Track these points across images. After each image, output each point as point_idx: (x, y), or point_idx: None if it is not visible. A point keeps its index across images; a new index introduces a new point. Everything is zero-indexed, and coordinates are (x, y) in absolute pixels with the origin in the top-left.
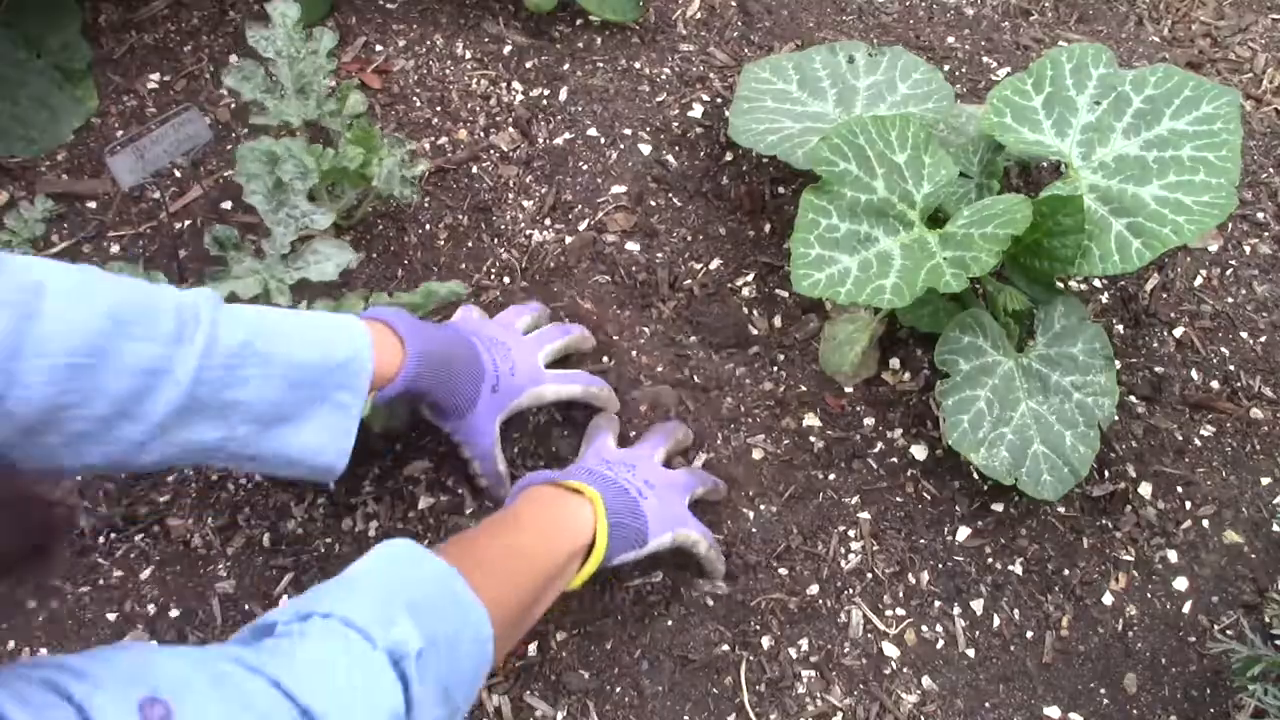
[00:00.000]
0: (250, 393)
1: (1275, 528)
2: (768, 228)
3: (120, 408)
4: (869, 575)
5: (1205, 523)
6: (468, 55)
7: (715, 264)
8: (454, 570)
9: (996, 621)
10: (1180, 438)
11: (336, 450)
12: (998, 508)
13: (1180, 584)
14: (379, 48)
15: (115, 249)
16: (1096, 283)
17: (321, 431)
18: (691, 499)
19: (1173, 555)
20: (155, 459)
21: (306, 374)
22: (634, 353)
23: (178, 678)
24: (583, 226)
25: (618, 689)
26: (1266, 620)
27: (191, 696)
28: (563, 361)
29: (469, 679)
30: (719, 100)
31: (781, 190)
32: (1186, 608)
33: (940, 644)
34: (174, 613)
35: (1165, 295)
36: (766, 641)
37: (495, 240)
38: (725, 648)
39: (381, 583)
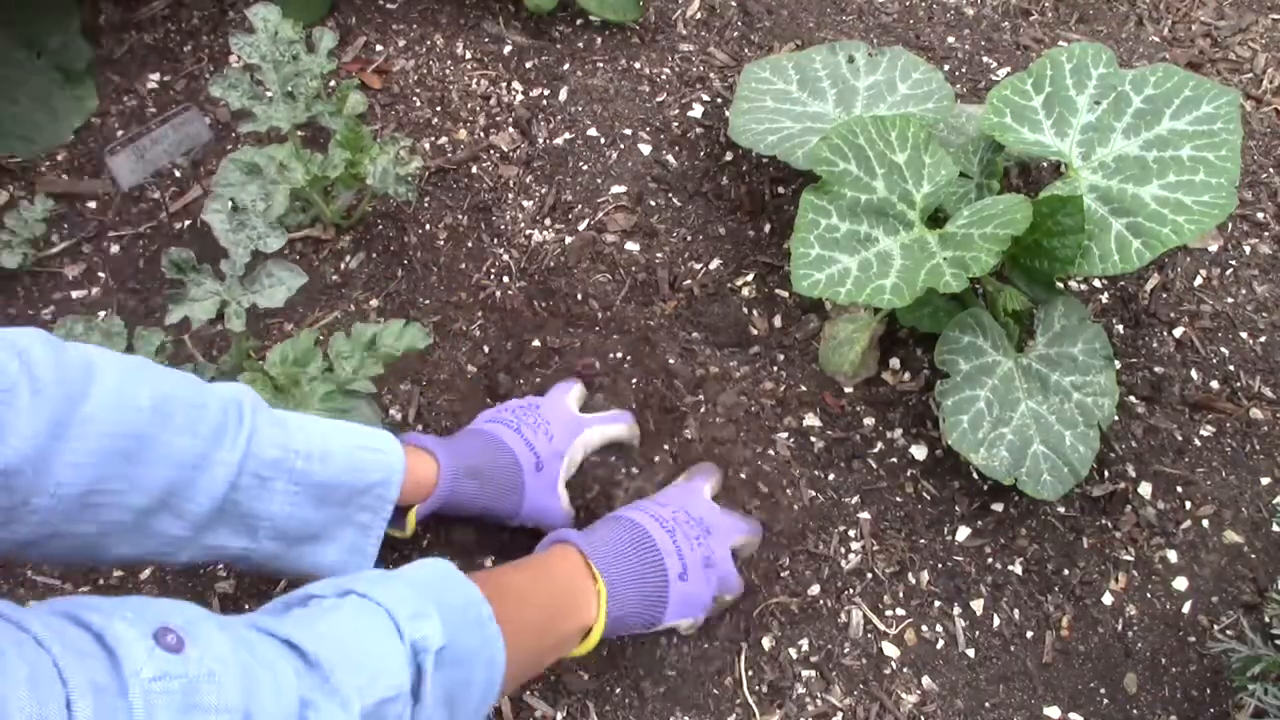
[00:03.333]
0: (278, 508)
1: (1275, 528)
2: (768, 228)
3: (159, 500)
4: (869, 575)
5: (1205, 523)
6: (468, 55)
7: (715, 264)
8: (484, 598)
9: (996, 621)
10: (1180, 438)
11: (356, 569)
12: (998, 508)
13: (1180, 584)
14: (379, 48)
15: (115, 249)
16: (1096, 283)
17: (343, 551)
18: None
19: (1173, 555)
20: (184, 561)
21: (336, 495)
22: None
23: (190, 616)
24: (583, 226)
25: (618, 689)
26: (1266, 620)
27: (202, 632)
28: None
29: (475, 701)
30: (719, 100)
31: (781, 190)
32: (1186, 608)
33: (940, 644)
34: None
35: (1165, 295)
36: (766, 642)
37: (495, 240)
38: (725, 648)
39: (420, 582)
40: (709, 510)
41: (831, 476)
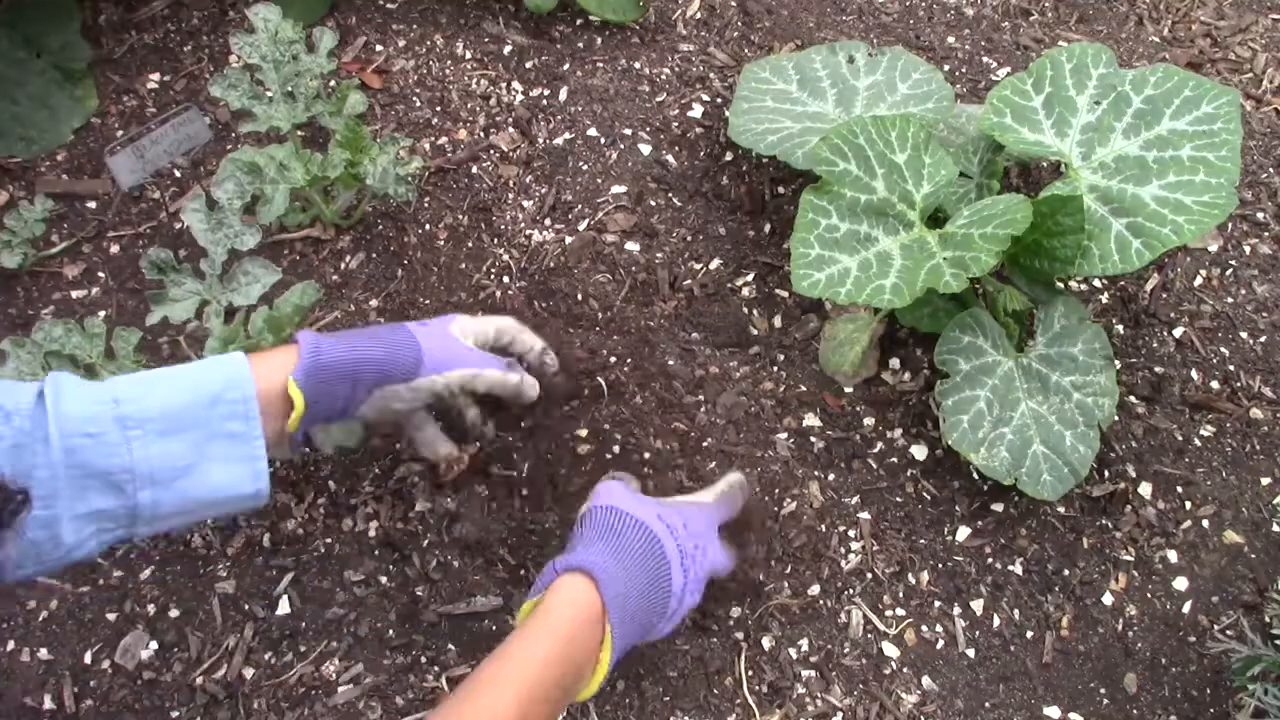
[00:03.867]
0: (131, 458)
1: (1275, 528)
2: (768, 228)
3: (4, 495)
4: (869, 575)
5: (1205, 523)
6: (468, 55)
7: (715, 264)
8: None
9: (996, 621)
10: (1180, 438)
11: (252, 479)
12: (998, 508)
13: (1180, 584)
14: (379, 48)
15: (115, 249)
16: (1096, 283)
17: (227, 469)
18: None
19: (1173, 555)
20: (79, 546)
21: (183, 419)
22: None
23: None
24: (583, 226)
25: (618, 689)
26: (1266, 620)
27: None
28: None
29: None
30: (719, 100)
31: (781, 190)
32: (1186, 608)
33: (940, 644)
34: (174, 613)
35: (1165, 295)
36: (766, 642)
37: (495, 240)
38: (725, 648)
39: None
40: (717, 548)
41: (831, 476)
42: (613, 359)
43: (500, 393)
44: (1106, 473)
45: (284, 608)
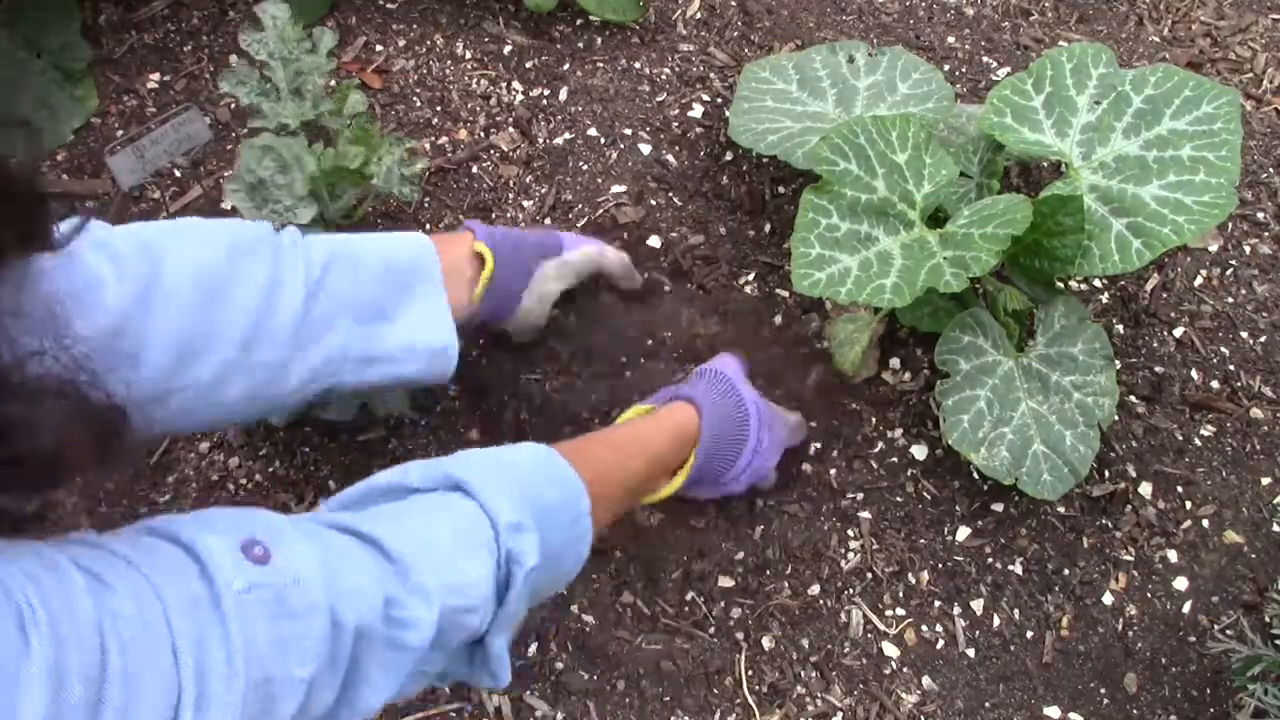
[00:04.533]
0: (347, 292)
1: (1275, 528)
2: (768, 228)
3: (253, 329)
4: (869, 575)
5: (1205, 523)
6: (468, 55)
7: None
8: (583, 489)
9: (996, 621)
10: (1180, 438)
11: (440, 330)
12: (998, 508)
13: (1180, 584)
14: (379, 48)
15: None
16: (1096, 283)
17: (419, 319)
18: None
19: (1173, 555)
20: (294, 387)
21: (390, 274)
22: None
23: (273, 525)
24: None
25: (618, 689)
26: (1266, 620)
27: (285, 540)
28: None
29: (553, 588)
30: (719, 100)
31: (781, 190)
32: (1186, 608)
33: (940, 644)
34: None
35: (1165, 295)
36: (766, 642)
37: None
38: (725, 648)
39: (524, 481)
40: (777, 439)
41: (832, 476)
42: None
43: (617, 270)
44: (1106, 473)
45: None
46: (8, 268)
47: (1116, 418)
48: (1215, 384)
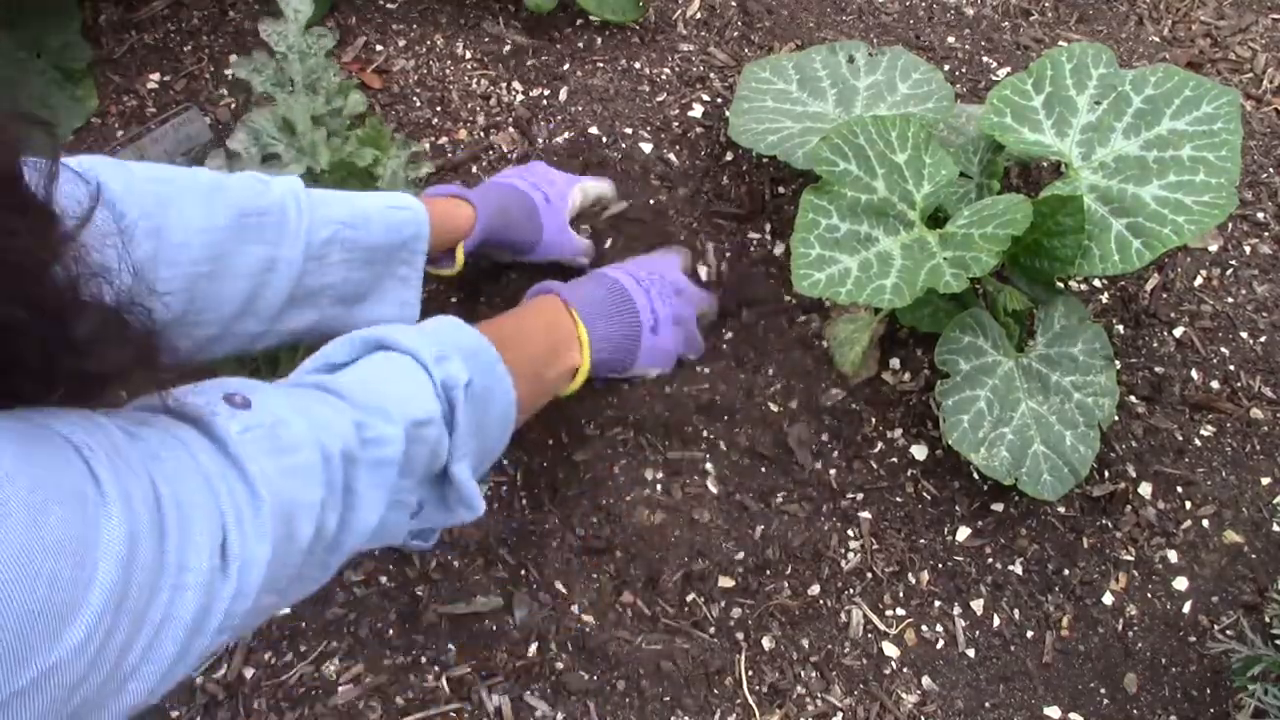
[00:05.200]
0: (335, 277)
1: (1275, 528)
2: (768, 227)
3: (241, 307)
4: (869, 575)
5: (1205, 523)
6: (468, 55)
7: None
8: (490, 344)
9: (996, 621)
10: (1180, 438)
11: (407, 317)
12: (998, 508)
13: (1180, 584)
14: (379, 48)
15: None
16: (1096, 283)
17: (391, 304)
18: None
19: (1173, 555)
20: (259, 348)
21: (378, 254)
22: None
23: (242, 381)
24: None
25: (618, 689)
26: (1266, 620)
27: (258, 390)
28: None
29: (497, 432)
30: (719, 100)
31: (781, 190)
32: (1186, 608)
33: (940, 644)
34: None
35: (1165, 295)
36: (766, 642)
37: None
38: (725, 648)
39: (436, 332)
40: (680, 277)
41: (832, 475)
42: None
43: (606, 200)
44: (1106, 473)
45: (283, 607)
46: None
47: (1116, 418)
48: (1215, 384)
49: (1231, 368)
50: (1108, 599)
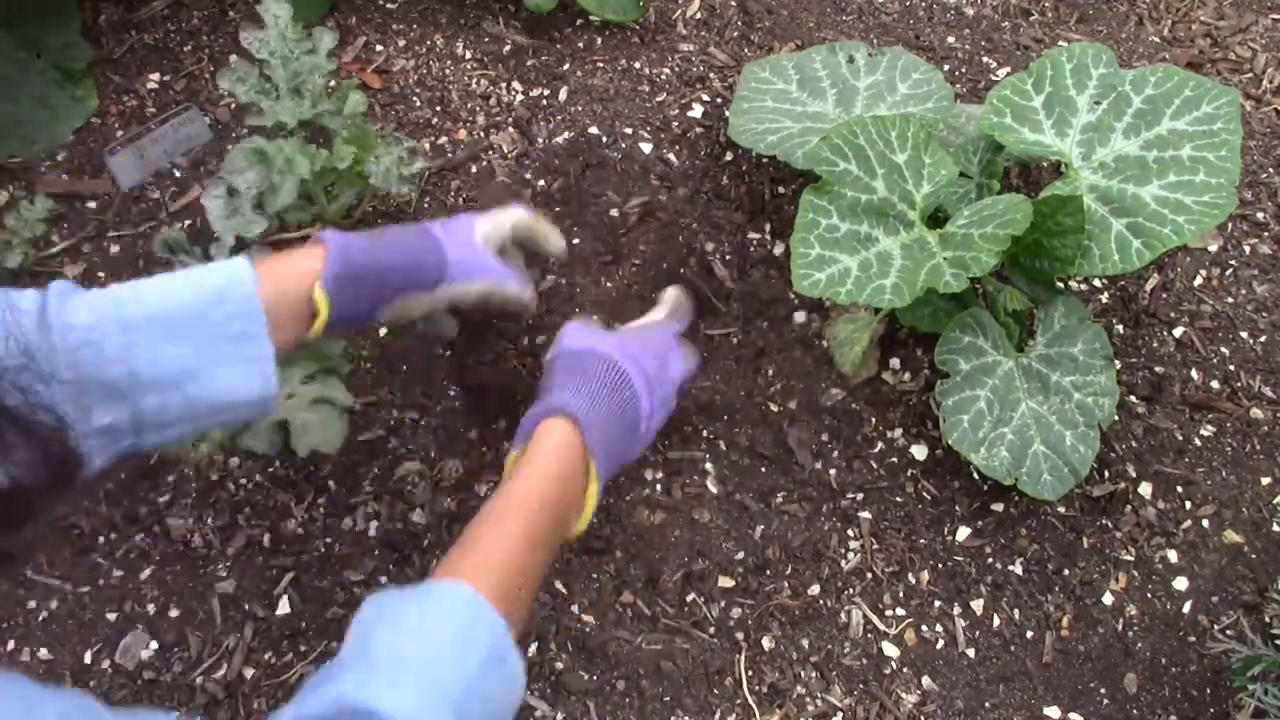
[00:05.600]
0: (133, 363)
1: (1275, 528)
2: (768, 227)
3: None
4: (869, 575)
5: (1205, 523)
6: (468, 55)
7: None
8: (505, 632)
9: (996, 621)
10: (1180, 438)
11: (261, 381)
12: (998, 508)
13: (1180, 584)
14: (379, 48)
15: (115, 249)
16: (1096, 283)
17: (234, 371)
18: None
19: (1173, 555)
20: (98, 465)
21: (185, 321)
22: None
23: None
24: (582, 225)
25: (618, 689)
26: (1266, 620)
27: None
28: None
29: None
30: (719, 100)
31: (781, 190)
32: (1186, 608)
33: (940, 644)
34: (174, 613)
35: (1165, 295)
36: (766, 642)
37: None
38: (725, 648)
39: (433, 669)
40: (679, 358)
41: (832, 475)
42: None
43: (512, 308)
44: (1106, 473)
45: (284, 608)
46: None
47: (1116, 418)
48: (1215, 384)
49: (1231, 368)
50: (1108, 599)
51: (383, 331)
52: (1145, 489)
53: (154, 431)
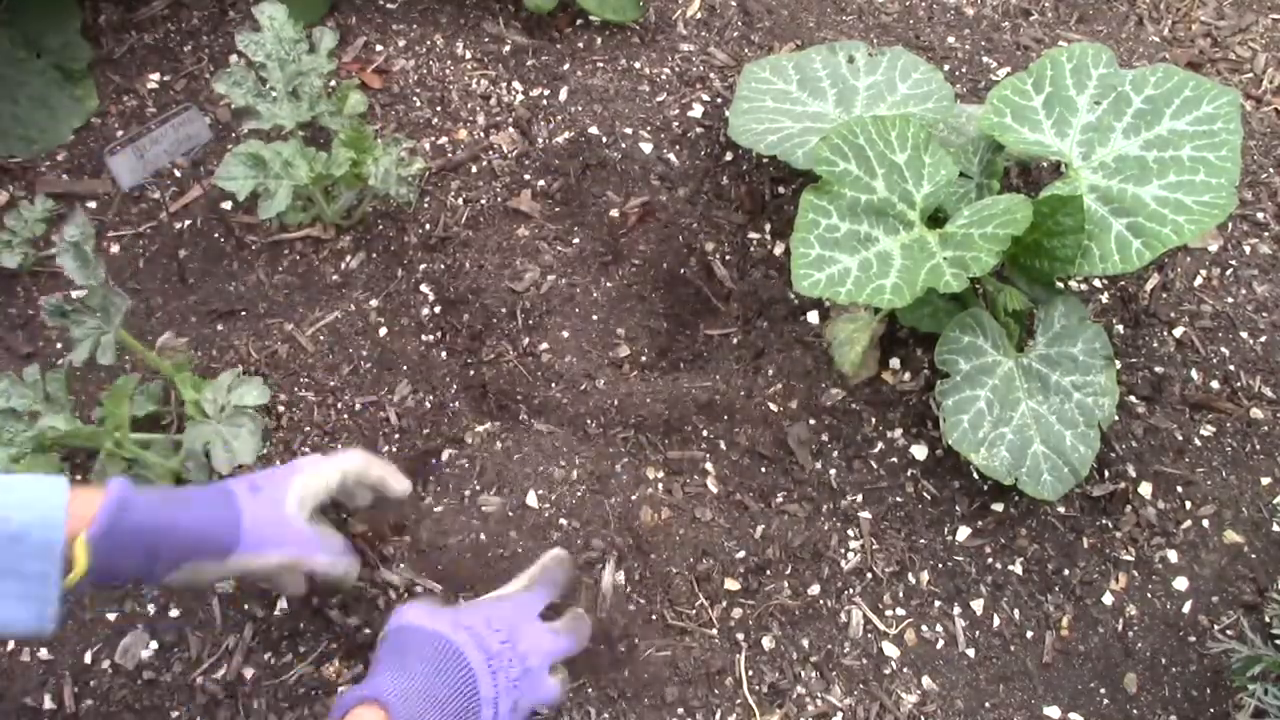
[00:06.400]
0: None
1: (1275, 528)
2: (768, 227)
3: None
4: (869, 575)
5: (1205, 523)
6: (468, 55)
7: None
8: None
9: (996, 621)
10: (1180, 438)
11: (37, 619)
12: (998, 508)
13: (1180, 584)
14: (379, 48)
15: (115, 249)
16: (1096, 283)
17: (17, 604)
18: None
19: (1173, 555)
20: None
21: None
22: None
23: None
24: (582, 225)
25: (618, 690)
26: (1266, 620)
27: None
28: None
29: None
30: (719, 100)
31: (781, 190)
32: (1186, 608)
33: (940, 644)
34: (174, 613)
35: (1165, 295)
36: (767, 642)
37: None
38: (726, 648)
39: None
40: (536, 633)
41: (832, 476)
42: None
43: (322, 578)
44: (1106, 473)
45: (284, 607)
46: None
47: (1116, 418)
48: (1215, 384)
49: (1231, 368)
50: (1108, 599)
51: None
52: (1145, 489)
53: None
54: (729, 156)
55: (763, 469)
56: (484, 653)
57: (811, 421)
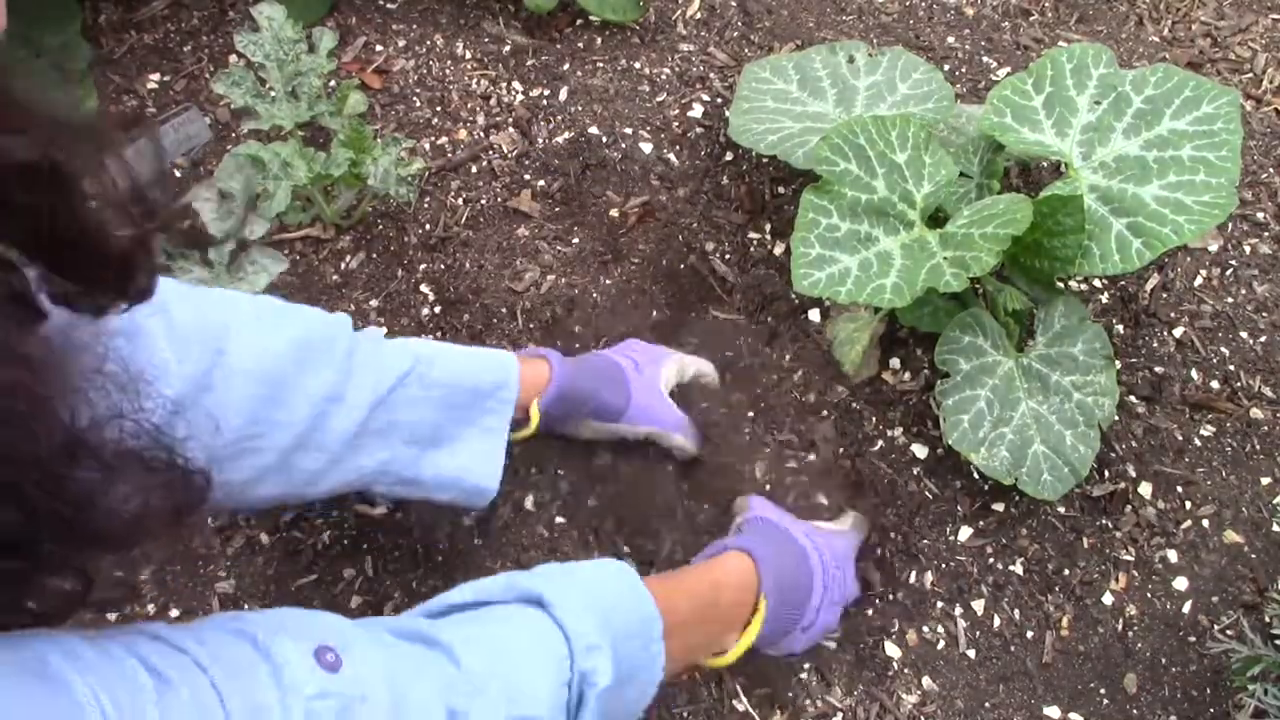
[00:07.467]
0: (410, 414)
1: (1275, 528)
2: (768, 228)
3: (300, 439)
4: None
5: (1205, 523)
6: (468, 55)
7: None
8: (658, 614)
9: (997, 621)
10: (1180, 438)
11: (488, 471)
12: (998, 507)
13: (1180, 584)
14: (379, 48)
15: None
16: (1096, 283)
17: (473, 454)
18: None
19: (1173, 555)
20: (324, 490)
21: (460, 397)
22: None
23: (344, 633)
24: (583, 225)
25: None
26: (1266, 620)
27: (356, 650)
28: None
29: (624, 714)
30: (719, 100)
31: (781, 190)
32: (1186, 608)
33: (940, 644)
34: (174, 613)
35: (1165, 295)
36: None
37: None
38: None
39: (602, 599)
40: (852, 570)
41: (832, 475)
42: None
43: (670, 451)
44: (1106, 473)
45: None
46: (104, 316)
47: (1116, 418)
48: (1215, 384)
49: (1231, 368)
50: (1108, 599)
51: None
52: (1145, 489)
53: (385, 485)
54: (729, 156)
55: (762, 469)
56: (823, 568)
57: (811, 419)
